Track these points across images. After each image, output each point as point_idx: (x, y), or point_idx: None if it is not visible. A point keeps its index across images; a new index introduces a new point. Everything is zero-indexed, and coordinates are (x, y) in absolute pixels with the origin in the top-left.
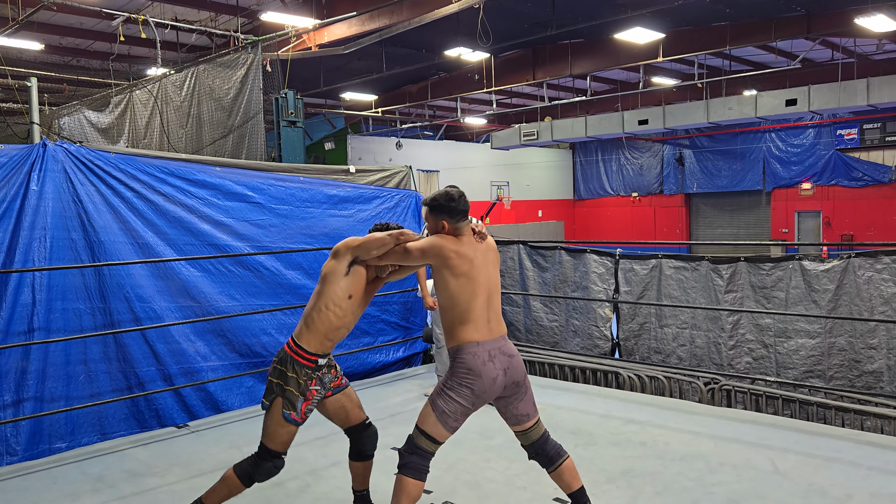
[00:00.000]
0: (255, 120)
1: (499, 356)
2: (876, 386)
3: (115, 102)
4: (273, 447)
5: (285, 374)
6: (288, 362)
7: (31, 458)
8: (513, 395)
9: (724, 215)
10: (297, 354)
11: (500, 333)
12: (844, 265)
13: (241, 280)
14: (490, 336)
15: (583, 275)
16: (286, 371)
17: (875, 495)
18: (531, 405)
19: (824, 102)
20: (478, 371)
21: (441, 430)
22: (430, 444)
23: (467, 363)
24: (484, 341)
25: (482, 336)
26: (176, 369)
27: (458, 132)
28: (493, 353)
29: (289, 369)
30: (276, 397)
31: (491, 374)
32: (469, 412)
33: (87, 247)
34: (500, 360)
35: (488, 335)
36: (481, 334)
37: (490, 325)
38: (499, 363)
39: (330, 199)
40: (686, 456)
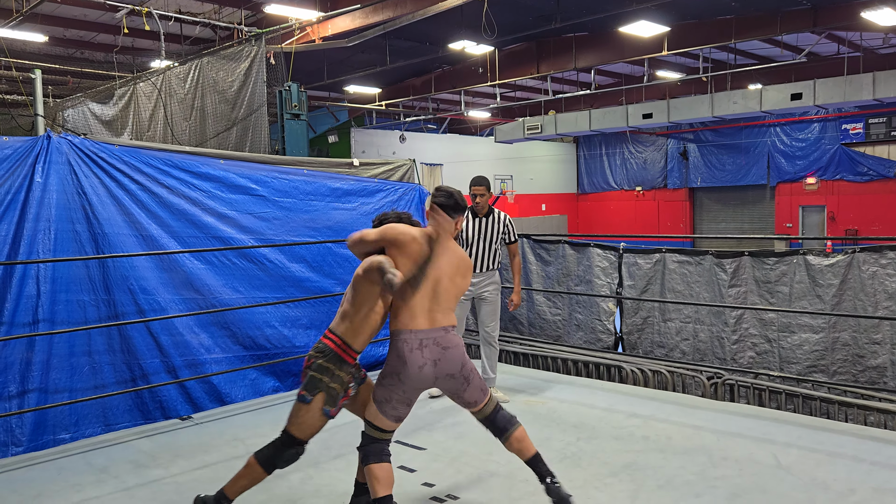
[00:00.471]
0: (259, 113)
1: (431, 346)
2: (880, 381)
3: (119, 95)
4: (300, 436)
5: (332, 371)
6: (334, 359)
7: (35, 448)
8: (452, 386)
9: (728, 209)
10: (344, 353)
11: (441, 324)
12: (849, 260)
13: (245, 272)
14: (428, 326)
15: (586, 269)
16: (332, 368)
17: (878, 490)
18: (477, 392)
19: (830, 97)
20: (404, 358)
21: (382, 419)
22: (378, 433)
23: (396, 349)
24: (418, 329)
25: (418, 325)
26: (180, 361)
27: (462, 125)
28: (425, 343)
29: (335, 366)
30: (320, 392)
31: (417, 362)
32: (405, 399)
33: (91, 239)
34: (431, 350)
35: (426, 325)
36: (417, 323)
37: (431, 314)
38: (428, 353)
39: (333, 193)
40: (688, 450)
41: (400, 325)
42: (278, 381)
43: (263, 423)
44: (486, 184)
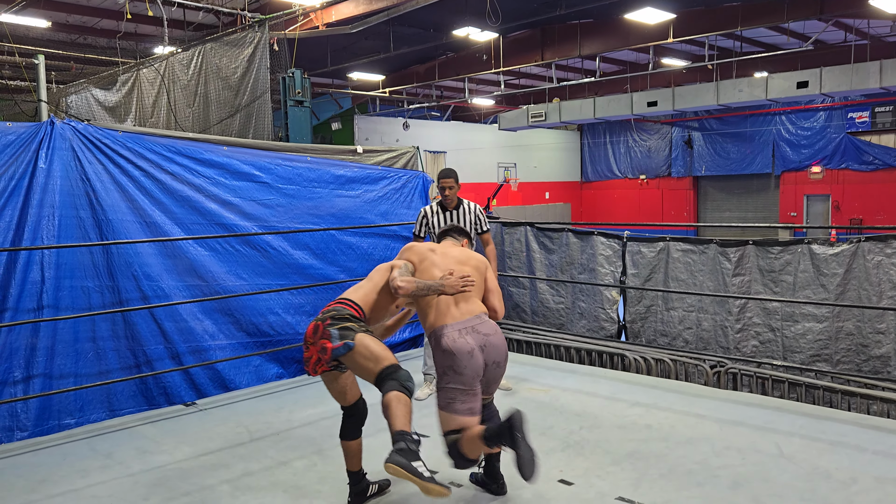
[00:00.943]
0: (262, 99)
1: (472, 333)
2: (883, 370)
3: (123, 81)
4: (391, 361)
5: (353, 318)
6: (354, 318)
7: (40, 433)
8: (493, 376)
9: (733, 198)
10: (356, 311)
11: (473, 313)
12: (854, 249)
13: (249, 259)
14: (460, 317)
15: (590, 257)
16: (350, 317)
17: (880, 479)
18: (496, 386)
19: (836, 85)
20: (451, 350)
21: (456, 419)
22: (458, 435)
23: (440, 346)
24: (453, 322)
25: (451, 318)
26: (184, 347)
27: (466, 113)
28: (465, 331)
29: (351, 317)
30: (357, 333)
31: (465, 347)
32: (469, 390)
33: (95, 225)
34: (474, 337)
35: (458, 316)
36: (449, 316)
37: (458, 306)
38: (472, 339)
39: (337, 180)
40: (691, 439)
41: (434, 323)
42: (282, 368)
43: (267, 409)
44: (454, 176)
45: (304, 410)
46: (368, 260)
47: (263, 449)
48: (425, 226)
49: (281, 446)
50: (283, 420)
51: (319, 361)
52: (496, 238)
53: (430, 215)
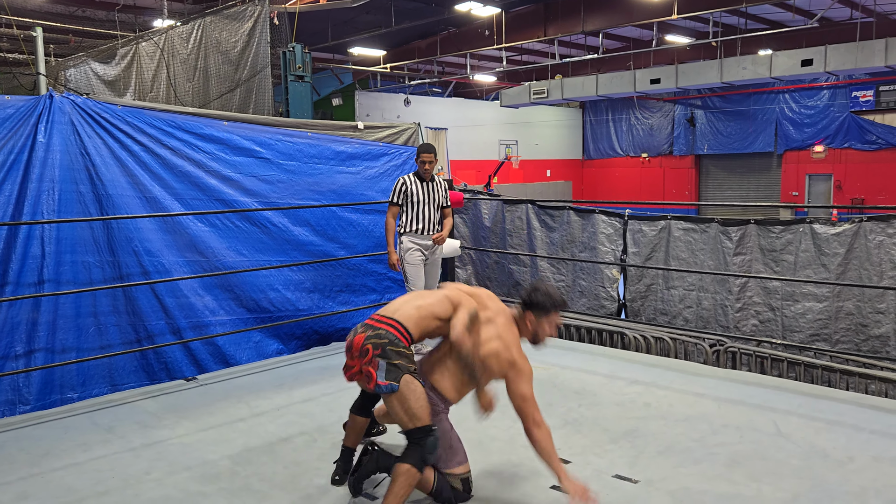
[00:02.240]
0: (263, 74)
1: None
2: (882, 350)
3: (122, 54)
4: (425, 422)
5: (403, 353)
6: (399, 345)
7: (43, 407)
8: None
9: (735, 177)
10: (405, 339)
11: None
12: (856, 229)
13: (249, 236)
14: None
15: (591, 235)
16: (401, 350)
17: (877, 458)
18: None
19: (841, 63)
20: (441, 429)
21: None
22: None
23: (438, 415)
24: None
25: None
26: (184, 323)
27: (468, 89)
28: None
29: (402, 348)
30: (404, 374)
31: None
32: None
33: (95, 200)
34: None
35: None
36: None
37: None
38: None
39: (338, 156)
40: (689, 417)
41: (447, 394)
42: (282, 344)
43: (267, 384)
44: (434, 151)
45: (305, 387)
46: (369, 237)
47: (264, 424)
48: (403, 193)
49: (281, 422)
50: (284, 396)
51: (359, 378)
52: (497, 216)
53: (408, 184)
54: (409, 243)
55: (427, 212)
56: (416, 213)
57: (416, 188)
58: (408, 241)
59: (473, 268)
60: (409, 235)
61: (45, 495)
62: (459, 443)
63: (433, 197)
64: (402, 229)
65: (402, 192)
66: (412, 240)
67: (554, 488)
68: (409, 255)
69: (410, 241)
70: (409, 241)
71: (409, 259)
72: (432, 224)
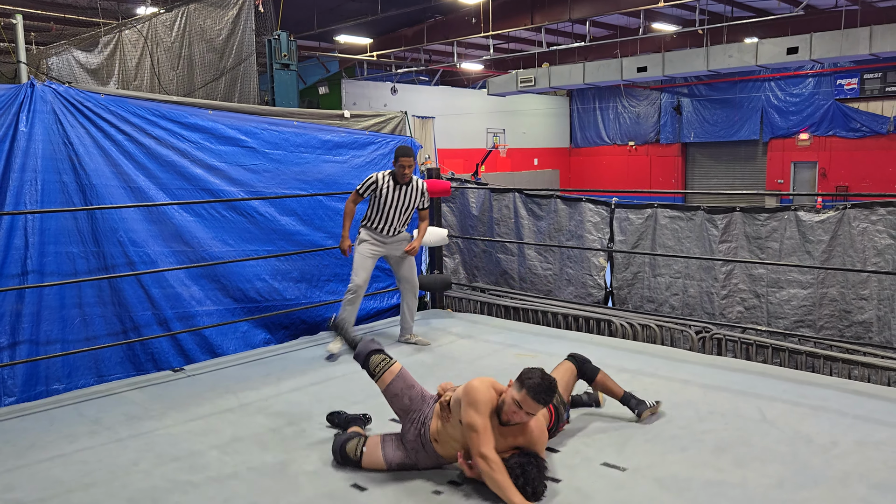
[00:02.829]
0: (248, 62)
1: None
2: (865, 336)
3: (104, 42)
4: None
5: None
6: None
7: (28, 399)
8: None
9: (721, 165)
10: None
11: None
12: (840, 216)
13: (235, 225)
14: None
15: (578, 223)
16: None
17: (860, 443)
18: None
19: (826, 51)
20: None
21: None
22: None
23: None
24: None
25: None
26: (171, 313)
27: (455, 78)
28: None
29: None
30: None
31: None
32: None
33: (78, 190)
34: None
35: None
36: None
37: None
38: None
39: (324, 145)
40: (676, 404)
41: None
42: (269, 334)
43: (255, 375)
44: (413, 155)
45: (293, 377)
46: (356, 226)
47: (251, 414)
48: (372, 191)
49: (269, 412)
50: (272, 386)
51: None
52: (484, 204)
53: (380, 183)
54: (366, 235)
55: (392, 215)
56: (380, 213)
57: (388, 190)
58: (364, 234)
59: (461, 256)
60: (367, 230)
61: (31, 487)
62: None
63: (404, 202)
64: (365, 222)
65: (370, 189)
66: (369, 234)
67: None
68: (360, 246)
69: (367, 234)
70: (366, 234)
71: (360, 249)
72: (395, 228)
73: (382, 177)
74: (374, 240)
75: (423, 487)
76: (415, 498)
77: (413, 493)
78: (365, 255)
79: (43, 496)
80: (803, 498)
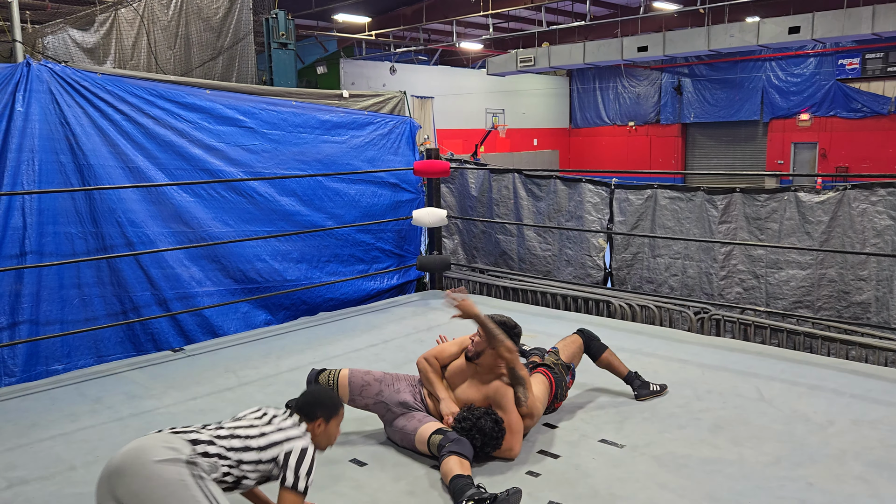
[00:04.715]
0: (245, 41)
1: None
2: (863, 317)
3: (101, 21)
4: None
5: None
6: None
7: (28, 379)
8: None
9: (721, 146)
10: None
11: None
12: (840, 197)
13: (234, 206)
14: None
15: (577, 204)
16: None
17: (856, 422)
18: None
19: (828, 30)
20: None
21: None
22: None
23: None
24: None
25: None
26: (171, 294)
27: (454, 57)
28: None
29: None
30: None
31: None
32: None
33: (76, 170)
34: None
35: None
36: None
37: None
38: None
39: (323, 125)
40: (674, 383)
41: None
42: (270, 315)
43: (255, 355)
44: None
45: (292, 356)
46: (356, 207)
47: (251, 394)
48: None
49: (269, 391)
50: (272, 366)
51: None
52: (483, 185)
53: None
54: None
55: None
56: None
57: None
58: None
59: (460, 237)
60: None
61: (34, 465)
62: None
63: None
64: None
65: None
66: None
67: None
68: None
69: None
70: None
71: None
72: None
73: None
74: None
75: (422, 461)
76: (413, 474)
77: (412, 470)
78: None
79: (45, 474)
80: (799, 475)
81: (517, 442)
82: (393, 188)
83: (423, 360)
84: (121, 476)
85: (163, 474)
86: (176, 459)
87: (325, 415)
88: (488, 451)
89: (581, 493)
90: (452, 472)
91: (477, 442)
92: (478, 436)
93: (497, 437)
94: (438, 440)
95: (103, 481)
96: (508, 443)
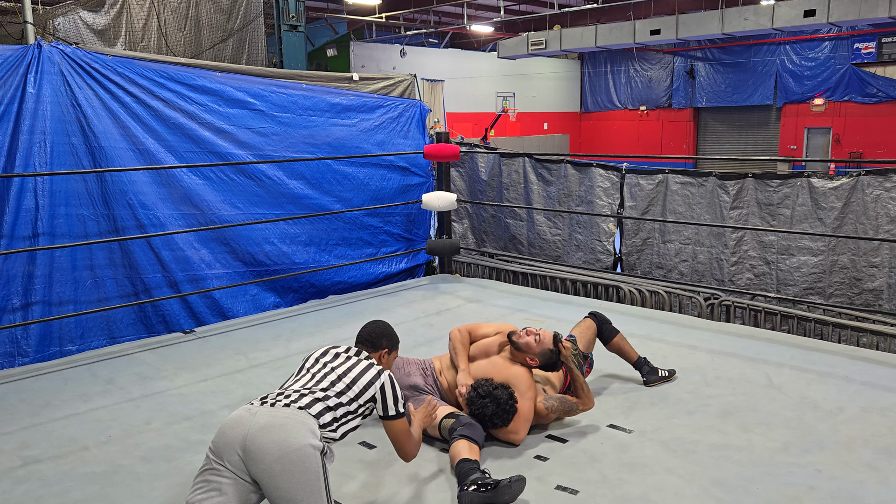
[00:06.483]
0: (256, 23)
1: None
2: (875, 304)
3: (111, 2)
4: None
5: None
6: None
7: (42, 359)
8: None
9: (733, 131)
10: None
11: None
12: (853, 183)
13: (244, 189)
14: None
15: (588, 189)
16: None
17: (866, 409)
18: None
19: (844, 13)
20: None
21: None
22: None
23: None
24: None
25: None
26: (181, 276)
27: (464, 40)
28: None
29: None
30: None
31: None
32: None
33: (87, 152)
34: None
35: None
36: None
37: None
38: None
39: (333, 108)
40: (683, 369)
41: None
42: (279, 297)
43: (265, 337)
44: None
45: (301, 339)
46: (364, 190)
47: (262, 375)
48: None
49: (279, 373)
50: (281, 348)
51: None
52: (493, 169)
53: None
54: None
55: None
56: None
57: None
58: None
59: (470, 221)
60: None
61: (46, 444)
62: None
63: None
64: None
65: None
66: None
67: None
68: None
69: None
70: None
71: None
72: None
73: None
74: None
75: (433, 445)
76: (422, 457)
77: (421, 453)
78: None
79: (58, 453)
80: (808, 462)
81: (524, 428)
82: (402, 172)
83: (456, 330)
84: (263, 453)
85: (306, 463)
86: (314, 446)
87: (389, 345)
88: (497, 422)
89: (589, 478)
90: (460, 456)
91: (488, 410)
92: (490, 404)
93: (508, 410)
94: (450, 423)
95: (233, 445)
96: (516, 425)
